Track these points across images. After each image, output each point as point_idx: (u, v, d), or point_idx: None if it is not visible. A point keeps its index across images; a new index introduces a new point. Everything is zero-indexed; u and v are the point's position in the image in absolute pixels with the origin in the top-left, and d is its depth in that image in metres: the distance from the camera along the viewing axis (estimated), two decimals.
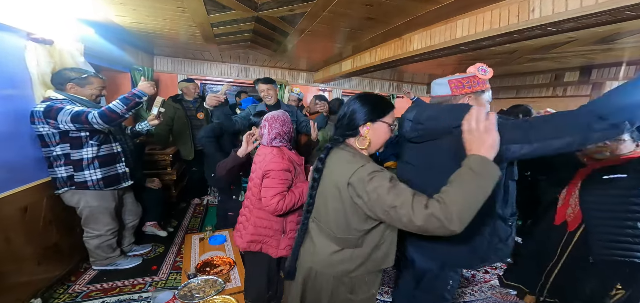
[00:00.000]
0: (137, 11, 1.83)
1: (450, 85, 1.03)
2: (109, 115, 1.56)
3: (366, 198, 0.79)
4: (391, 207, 0.75)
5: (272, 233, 1.32)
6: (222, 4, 1.63)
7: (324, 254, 0.93)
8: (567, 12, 1.02)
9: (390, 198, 0.75)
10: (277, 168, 1.23)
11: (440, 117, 0.99)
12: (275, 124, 1.32)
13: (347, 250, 0.91)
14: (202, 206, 3.25)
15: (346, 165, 0.85)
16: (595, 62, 2.66)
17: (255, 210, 1.34)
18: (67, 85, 1.66)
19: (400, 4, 1.51)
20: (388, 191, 0.76)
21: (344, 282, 0.92)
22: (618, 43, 1.95)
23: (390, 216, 0.76)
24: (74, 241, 1.88)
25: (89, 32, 2.13)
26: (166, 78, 3.75)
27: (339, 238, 0.90)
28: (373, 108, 0.89)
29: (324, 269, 0.93)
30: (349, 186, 0.82)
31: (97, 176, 1.71)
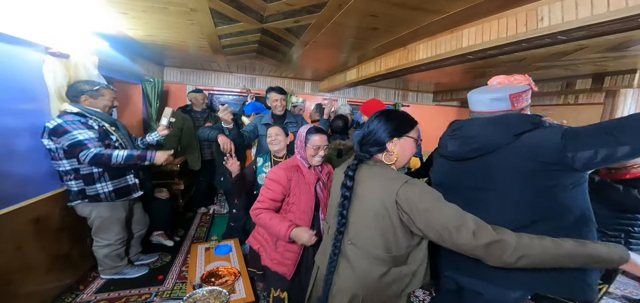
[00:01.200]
0: (149, 24, 1.90)
1: (511, 101, 0.95)
2: (105, 162, 1.62)
3: (416, 217, 0.79)
4: (444, 228, 0.75)
5: (269, 240, 1.38)
6: (229, 16, 1.67)
7: (370, 279, 0.88)
8: (577, 20, 1.00)
9: (445, 220, 0.76)
10: (271, 177, 1.30)
11: (492, 131, 0.93)
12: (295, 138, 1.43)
13: (395, 269, 0.88)
14: (208, 215, 3.26)
15: (390, 181, 0.84)
16: (608, 69, 2.59)
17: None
18: (81, 98, 1.71)
19: (405, 15, 1.51)
20: (442, 211, 0.77)
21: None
22: (631, 50, 1.90)
23: (442, 236, 0.76)
24: (83, 250, 1.91)
25: (104, 45, 2.21)
26: (175, 89, 3.85)
27: (387, 258, 0.86)
28: (398, 124, 0.91)
29: (373, 294, 0.89)
30: (396, 202, 0.82)
31: (108, 188, 1.75)
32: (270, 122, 2.24)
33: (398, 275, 0.88)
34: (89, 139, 1.61)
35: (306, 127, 1.35)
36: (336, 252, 0.93)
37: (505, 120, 0.92)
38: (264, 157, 1.76)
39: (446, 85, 4.41)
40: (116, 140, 1.78)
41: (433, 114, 5.08)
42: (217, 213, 3.34)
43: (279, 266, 1.32)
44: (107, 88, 1.82)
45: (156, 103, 3.35)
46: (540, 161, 0.83)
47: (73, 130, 1.58)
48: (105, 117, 1.77)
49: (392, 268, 0.87)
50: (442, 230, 0.76)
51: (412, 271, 0.89)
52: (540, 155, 0.82)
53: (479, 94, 1.02)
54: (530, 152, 0.84)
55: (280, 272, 1.32)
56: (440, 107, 5.27)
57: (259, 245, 1.43)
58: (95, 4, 1.52)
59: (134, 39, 2.27)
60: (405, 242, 0.85)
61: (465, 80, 3.73)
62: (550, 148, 0.81)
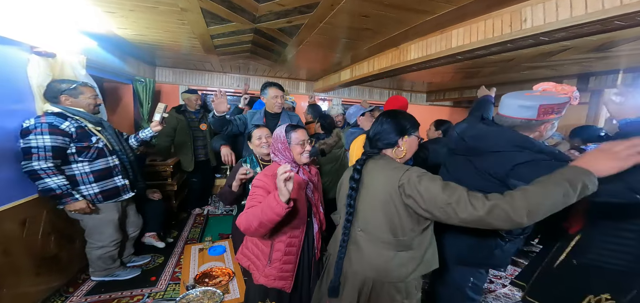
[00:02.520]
0: (138, 24, 1.88)
1: (539, 111, 0.96)
2: (32, 177, 1.52)
3: (419, 198, 0.85)
4: (447, 203, 0.80)
5: (260, 256, 1.21)
6: (221, 16, 1.67)
7: (379, 262, 0.95)
8: (558, 22, 1.04)
9: (445, 195, 0.81)
10: (256, 184, 1.15)
11: (490, 140, 1.03)
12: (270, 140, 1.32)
13: (403, 253, 0.94)
14: (202, 216, 3.24)
15: (393, 171, 0.93)
16: (592, 70, 2.68)
17: None
18: (61, 98, 1.64)
19: (396, 15, 1.54)
20: (442, 189, 0.82)
21: (399, 289, 0.95)
22: (614, 51, 1.97)
23: (446, 212, 0.81)
24: (72, 252, 1.88)
25: (92, 44, 2.18)
26: (168, 89, 3.81)
27: (394, 241, 0.94)
28: (408, 124, 1.02)
29: (381, 277, 0.95)
30: (399, 188, 0.89)
31: (93, 190, 1.71)
32: (262, 121, 2.10)
33: (407, 259, 0.94)
34: (42, 147, 1.49)
35: (281, 128, 1.23)
36: (345, 239, 1.00)
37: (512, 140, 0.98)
38: (249, 160, 1.62)
39: (438, 85, 4.48)
40: (98, 141, 1.71)
41: (427, 113, 5.15)
42: (211, 214, 3.32)
43: (277, 281, 1.17)
44: (85, 86, 1.74)
45: (148, 103, 3.31)
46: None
47: (33, 134, 1.49)
48: (88, 117, 1.71)
49: (398, 252, 0.94)
50: (446, 207, 0.81)
51: (418, 256, 0.95)
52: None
53: (512, 98, 1.03)
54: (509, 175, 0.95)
55: (279, 287, 1.18)
56: (433, 107, 5.35)
57: (249, 262, 1.25)
58: (82, 2, 1.50)
59: (124, 38, 2.24)
60: (409, 226, 0.92)
61: (456, 80, 3.79)
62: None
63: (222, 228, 2.95)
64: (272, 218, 0.98)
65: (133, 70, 3.05)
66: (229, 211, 3.43)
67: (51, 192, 1.54)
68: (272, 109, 2.13)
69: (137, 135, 2.05)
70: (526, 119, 0.99)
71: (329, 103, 4.72)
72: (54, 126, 1.54)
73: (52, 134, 1.52)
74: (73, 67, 1.88)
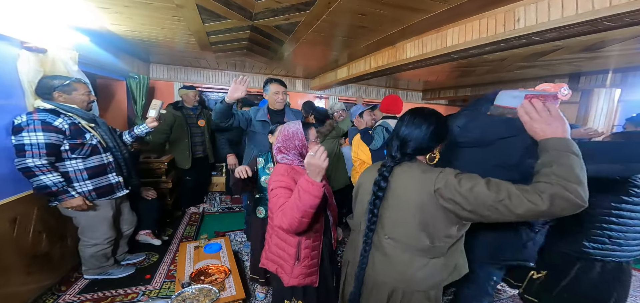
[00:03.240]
0: (133, 20, 1.85)
1: (526, 100, 0.97)
2: (27, 174, 1.50)
3: (462, 200, 0.78)
4: (498, 201, 0.73)
5: (287, 257, 1.18)
6: (217, 13, 1.65)
7: (409, 272, 0.90)
8: (549, 22, 1.06)
9: (493, 193, 0.74)
10: (276, 186, 1.12)
11: (489, 127, 1.04)
12: (278, 138, 1.21)
13: (436, 260, 0.89)
14: (198, 214, 3.21)
15: (424, 174, 0.87)
16: (582, 69, 2.74)
17: (273, 229, 1.24)
18: (54, 94, 1.61)
19: (393, 14, 1.55)
20: (487, 187, 0.75)
21: (430, 297, 0.90)
22: (603, 51, 2.02)
23: (499, 211, 0.74)
24: (64, 250, 1.85)
25: (84, 40, 2.14)
26: (162, 86, 3.76)
27: (428, 248, 0.88)
28: (445, 130, 0.95)
29: (412, 287, 0.90)
30: (436, 192, 0.82)
31: (87, 187, 1.69)
32: (266, 118, 2.08)
33: (440, 266, 0.89)
34: (36, 144, 1.47)
35: (297, 124, 1.21)
36: (367, 248, 0.95)
37: (506, 123, 1.01)
38: (265, 157, 1.66)
39: (434, 83, 4.52)
40: (93, 138, 1.69)
41: None
42: (207, 212, 3.30)
43: (307, 279, 1.18)
44: (79, 82, 1.72)
45: (142, 100, 3.27)
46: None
47: (26, 131, 1.46)
48: (82, 113, 1.69)
49: (431, 259, 0.88)
50: (497, 204, 0.73)
51: (451, 263, 0.91)
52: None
53: (506, 92, 1.08)
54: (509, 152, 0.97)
55: (308, 283, 1.19)
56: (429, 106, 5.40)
57: (276, 266, 1.22)
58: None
59: (117, 34, 2.20)
60: (445, 232, 0.86)
61: (451, 79, 3.84)
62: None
63: (218, 225, 2.94)
64: (313, 202, 0.96)
65: (127, 67, 3.00)
66: (224, 209, 3.42)
67: (47, 189, 1.52)
68: (274, 105, 2.10)
69: (131, 131, 2.03)
70: (515, 108, 1.01)
71: (325, 101, 4.74)
72: (47, 123, 1.51)
73: (45, 130, 1.50)
74: (65, 63, 1.84)
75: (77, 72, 1.91)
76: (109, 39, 2.34)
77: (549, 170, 0.70)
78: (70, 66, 1.88)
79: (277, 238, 1.22)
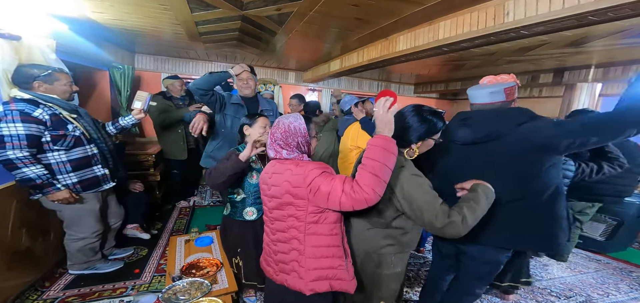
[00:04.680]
0: (116, 8, 1.77)
1: (505, 94, 1.15)
2: (8, 167, 1.44)
3: (399, 196, 0.96)
4: (418, 208, 0.93)
5: (338, 262, 0.99)
6: (206, 2, 1.60)
7: (357, 230, 1.09)
8: (537, 16, 1.09)
9: (419, 202, 0.93)
10: (319, 173, 0.95)
11: (498, 120, 1.14)
12: (275, 134, 1.05)
13: (378, 229, 1.06)
14: (188, 208, 3.16)
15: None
16: (567, 64, 2.83)
17: (309, 236, 1.00)
18: (33, 84, 1.54)
19: (386, 5, 1.54)
20: (419, 195, 0.94)
21: (372, 258, 1.08)
22: (587, 46, 2.09)
23: (415, 215, 0.95)
24: (47, 245, 1.79)
25: (63, 28, 2.03)
26: (149, 76, 3.64)
27: (372, 219, 1.05)
28: (429, 128, 1.01)
29: (358, 243, 1.09)
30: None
31: (71, 180, 1.63)
32: (240, 102, 1.96)
33: (380, 235, 1.06)
34: (15, 136, 1.41)
35: (299, 119, 1.07)
36: None
37: (509, 113, 1.13)
38: (243, 149, 1.49)
39: (426, 77, 4.57)
40: (76, 129, 1.63)
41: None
42: (198, 205, 3.26)
43: (353, 281, 1.03)
44: (61, 72, 1.65)
45: (127, 91, 3.15)
46: (533, 143, 1.05)
47: (4, 122, 1.41)
48: (63, 104, 1.62)
49: (375, 227, 1.06)
50: (416, 210, 0.94)
51: (392, 235, 1.06)
52: (535, 139, 1.05)
53: (477, 90, 1.22)
54: (527, 137, 1.06)
55: (354, 286, 1.03)
56: (421, 99, 5.47)
57: (330, 281, 0.99)
58: None
59: (99, 23, 2.10)
60: (389, 213, 1.03)
61: (443, 72, 3.89)
62: (543, 134, 1.04)
63: (210, 219, 2.91)
64: (391, 158, 0.87)
65: (110, 56, 2.87)
66: (216, 202, 3.38)
67: (31, 182, 1.46)
68: (242, 91, 1.99)
69: (115, 122, 1.96)
70: (500, 102, 1.16)
71: (318, 94, 4.71)
72: (26, 113, 1.45)
73: (24, 121, 1.44)
74: (42, 51, 1.75)
75: (55, 61, 1.81)
76: (91, 28, 2.23)
77: (467, 208, 0.95)
78: (48, 54, 1.78)
79: (314, 247, 0.99)
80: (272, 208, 1.07)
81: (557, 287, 2.08)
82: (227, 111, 1.97)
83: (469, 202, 0.94)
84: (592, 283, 2.17)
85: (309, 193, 0.94)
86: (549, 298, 1.94)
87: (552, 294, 1.99)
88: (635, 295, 2.06)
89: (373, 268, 1.09)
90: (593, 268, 2.40)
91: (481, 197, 0.95)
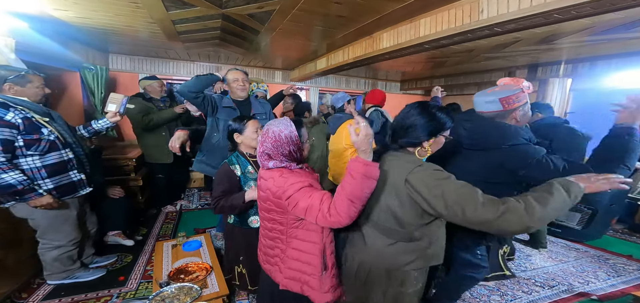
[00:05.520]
0: (81, 5, 1.67)
1: (501, 103, 1.15)
2: None
3: (427, 195, 0.85)
4: (455, 203, 0.81)
5: (311, 269, 1.01)
6: (183, 0, 1.55)
7: (376, 248, 0.97)
8: (508, 13, 1.15)
9: (454, 195, 0.82)
10: (300, 186, 0.94)
11: (490, 133, 1.17)
12: (264, 143, 1.01)
13: (401, 243, 0.95)
14: (175, 212, 3.08)
15: (405, 164, 0.91)
16: (540, 61, 2.99)
17: (291, 239, 1.04)
18: (4, 86, 1.47)
19: (368, 2, 1.56)
20: (451, 188, 0.83)
21: (395, 276, 0.97)
22: (556, 43, 2.22)
23: (455, 213, 0.81)
24: (20, 256, 1.70)
25: (22, 26, 1.90)
26: (125, 77, 3.47)
27: (393, 230, 0.95)
28: (439, 124, 0.95)
29: (377, 262, 0.98)
30: (406, 183, 0.88)
31: (47, 186, 1.56)
32: (232, 106, 1.92)
33: (403, 249, 0.95)
34: None
35: (288, 126, 1.02)
36: (350, 229, 1.01)
37: (504, 130, 1.15)
38: (237, 161, 1.47)
39: (411, 74, 4.67)
40: (51, 133, 1.56)
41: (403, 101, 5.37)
42: (185, 209, 3.17)
43: (337, 290, 1.07)
44: (34, 74, 1.58)
45: (101, 93, 3.00)
46: (513, 167, 1.11)
47: None
48: (35, 108, 1.54)
49: (398, 242, 0.95)
50: (454, 205, 0.81)
51: (418, 248, 0.96)
52: (516, 165, 1.11)
53: (479, 96, 1.24)
54: (510, 159, 1.11)
55: (338, 296, 1.07)
56: (407, 96, 5.58)
57: (301, 284, 1.04)
58: None
59: (64, 21, 1.98)
60: (412, 220, 0.93)
61: (426, 69, 3.99)
62: (527, 169, 1.09)
63: (198, 222, 2.85)
64: (371, 184, 0.85)
65: (80, 57, 2.71)
66: (204, 205, 3.31)
67: (11, 188, 1.40)
68: (235, 95, 1.95)
69: (88, 125, 1.87)
70: (495, 111, 1.18)
71: (306, 92, 4.70)
72: (1, 116, 1.38)
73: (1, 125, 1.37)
74: (1, 51, 1.64)
75: (15, 61, 1.71)
76: (55, 26, 2.09)
77: (536, 192, 0.83)
78: (7, 54, 1.68)
79: (294, 249, 1.03)
80: (262, 208, 1.12)
81: (541, 277, 2.16)
82: (220, 115, 1.92)
83: (539, 192, 0.80)
84: (573, 271, 2.26)
85: (287, 205, 0.97)
86: (534, 289, 2.02)
87: (536, 285, 2.06)
88: (612, 282, 2.15)
89: (397, 288, 0.98)
90: (573, 256, 2.50)
91: (556, 189, 0.79)
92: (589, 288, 2.07)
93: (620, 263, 2.43)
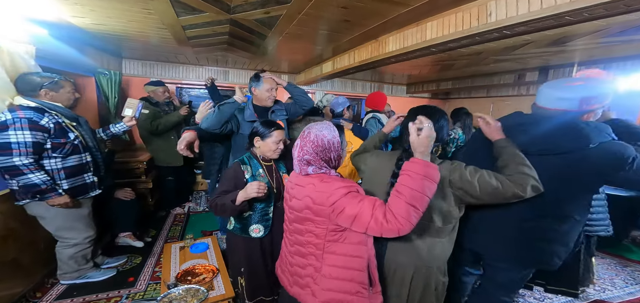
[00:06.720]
0: (97, 12, 1.74)
1: (580, 103, 0.97)
2: (16, 177, 1.46)
3: (469, 188, 0.96)
4: (495, 188, 0.94)
5: (356, 288, 0.90)
6: (192, 6, 1.59)
7: (426, 249, 1.03)
8: (518, 16, 1.13)
9: (493, 181, 0.95)
10: (348, 191, 0.86)
11: (565, 135, 0.97)
12: (305, 147, 0.94)
13: (446, 237, 1.05)
14: (183, 214, 3.13)
15: (439, 167, 0.92)
16: (551, 63, 2.92)
17: (327, 255, 0.92)
18: (41, 92, 1.56)
19: (374, 7, 1.56)
20: (488, 177, 0.96)
21: (441, 270, 1.08)
22: (569, 45, 2.16)
23: (496, 196, 0.96)
24: (36, 255, 1.76)
25: (42, 32, 1.98)
26: (137, 82, 3.57)
27: (440, 228, 1.02)
28: (441, 131, 1.05)
29: (431, 263, 1.04)
30: (449, 182, 0.98)
31: (63, 187, 1.62)
32: (254, 117, 1.83)
33: (448, 242, 1.06)
34: (23, 143, 1.44)
35: (332, 130, 0.96)
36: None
37: (582, 130, 0.94)
38: (249, 162, 1.42)
39: (417, 77, 4.63)
40: (76, 138, 1.65)
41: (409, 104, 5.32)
42: (193, 211, 3.22)
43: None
44: (66, 80, 1.69)
45: (115, 97, 3.09)
46: (598, 167, 0.93)
47: (13, 129, 1.43)
48: (66, 112, 1.64)
49: (444, 237, 1.04)
50: (493, 191, 0.94)
51: (454, 238, 1.08)
52: (609, 167, 0.92)
53: (549, 89, 1.05)
54: (595, 161, 0.92)
55: None
56: (413, 99, 5.53)
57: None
58: None
59: (81, 27, 2.06)
60: (455, 213, 1.02)
61: (433, 72, 3.95)
62: (618, 164, 0.90)
63: (205, 225, 2.89)
64: (432, 187, 0.80)
65: (95, 62, 2.81)
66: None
67: (36, 187, 1.49)
68: (263, 102, 1.85)
69: (107, 129, 1.96)
70: (563, 110, 1.00)
71: (312, 96, 4.73)
72: (34, 122, 1.48)
73: (32, 129, 1.46)
74: (22, 58, 1.72)
75: (34, 67, 1.79)
76: (72, 33, 2.18)
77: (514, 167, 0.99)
78: (28, 61, 1.75)
79: (332, 266, 0.91)
80: (292, 220, 1.01)
81: None
82: (243, 130, 1.81)
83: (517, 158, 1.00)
84: None
85: (331, 212, 0.87)
86: (546, 296, 1.98)
87: None
88: (630, 290, 2.09)
89: (441, 279, 1.08)
90: None
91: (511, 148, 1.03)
92: (606, 296, 2.00)
93: (639, 270, 2.34)
